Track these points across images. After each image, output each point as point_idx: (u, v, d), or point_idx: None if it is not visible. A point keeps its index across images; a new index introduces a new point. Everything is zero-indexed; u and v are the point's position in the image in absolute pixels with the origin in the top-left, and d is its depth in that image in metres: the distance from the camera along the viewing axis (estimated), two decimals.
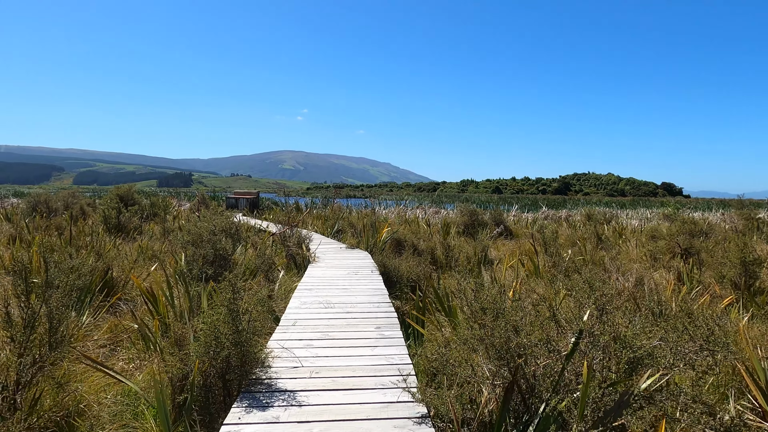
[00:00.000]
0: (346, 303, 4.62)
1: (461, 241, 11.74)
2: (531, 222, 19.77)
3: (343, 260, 7.56)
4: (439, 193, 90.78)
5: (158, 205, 18.24)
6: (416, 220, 16.15)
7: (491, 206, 30.09)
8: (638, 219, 20.92)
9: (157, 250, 8.26)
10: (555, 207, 31.81)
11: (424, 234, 11.42)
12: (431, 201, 32.04)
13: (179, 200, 27.15)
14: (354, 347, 3.34)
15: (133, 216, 11.95)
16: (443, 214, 23.99)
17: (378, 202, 28.29)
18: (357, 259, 7.73)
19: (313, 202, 24.21)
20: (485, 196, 73.28)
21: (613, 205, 33.44)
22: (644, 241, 11.71)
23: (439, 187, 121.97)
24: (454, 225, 13.66)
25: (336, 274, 6.27)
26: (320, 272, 6.44)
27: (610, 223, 17.30)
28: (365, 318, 4.08)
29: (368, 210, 21.37)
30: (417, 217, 18.57)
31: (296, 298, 4.90)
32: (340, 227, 11.57)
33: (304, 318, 4.06)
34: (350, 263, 7.21)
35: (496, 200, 48.71)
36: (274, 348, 3.19)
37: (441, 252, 9.30)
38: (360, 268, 6.77)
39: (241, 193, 24.05)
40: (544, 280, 7.56)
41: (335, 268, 6.79)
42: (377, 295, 5.02)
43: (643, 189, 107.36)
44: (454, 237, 11.96)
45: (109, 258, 5.85)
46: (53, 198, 14.66)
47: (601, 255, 8.34)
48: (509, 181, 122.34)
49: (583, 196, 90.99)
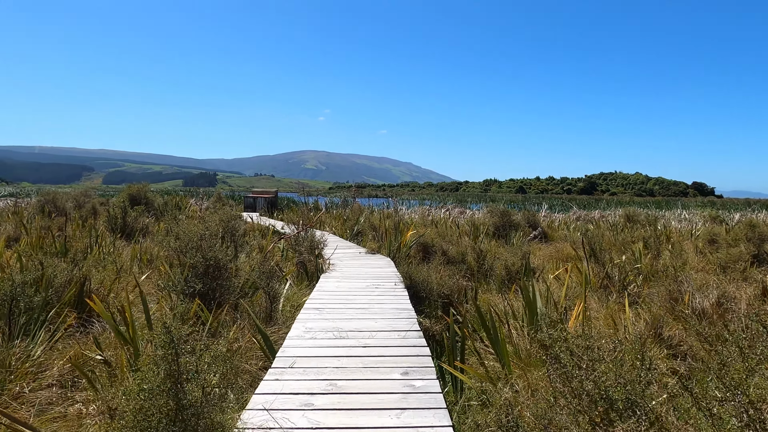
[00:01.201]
0: (363, 331, 3.59)
1: (493, 245, 10.61)
2: (563, 223, 18.40)
3: (361, 268, 6.55)
4: (461, 193, 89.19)
5: (172, 205, 17.59)
6: (442, 221, 15.04)
7: (518, 206, 28.67)
8: (677, 220, 19.35)
9: (155, 254, 7.40)
10: (585, 207, 30.19)
11: (453, 237, 10.32)
12: (456, 200, 30.83)
13: (198, 199, 26.62)
14: (372, 409, 2.31)
15: (140, 216, 11.18)
16: (469, 214, 22.78)
17: (400, 201, 27.24)
18: (378, 267, 6.70)
19: (332, 201, 23.32)
20: (509, 196, 71.40)
21: (650, 206, 31.62)
22: (701, 246, 10.36)
23: (462, 187, 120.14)
24: (483, 227, 12.52)
25: (352, 288, 5.25)
26: (334, 284, 5.44)
27: (653, 225, 15.86)
28: (388, 356, 3.04)
29: (390, 210, 20.35)
30: (442, 217, 17.46)
31: (301, 321, 3.90)
32: (360, 229, 10.58)
33: (307, 355, 3.06)
34: (370, 273, 6.19)
35: (521, 200, 47.10)
36: (255, 416, 2.18)
37: (472, 258, 8.21)
38: (381, 279, 5.74)
39: (259, 192, 23.33)
40: (598, 294, 6.41)
41: (352, 278, 5.78)
42: (403, 319, 3.98)
43: (673, 189, 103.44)
44: (484, 240, 10.82)
45: (88, 266, 4.96)
46: (62, 197, 14.06)
47: (663, 263, 7.11)
48: (533, 180, 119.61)
49: (610, 195, 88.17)
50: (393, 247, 7.86)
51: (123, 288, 5.25)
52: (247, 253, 6.57)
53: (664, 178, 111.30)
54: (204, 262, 4.47)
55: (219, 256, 4.52)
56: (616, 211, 26.48)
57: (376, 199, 32.15)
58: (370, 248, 8.26)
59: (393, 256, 7.68)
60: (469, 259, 8.20)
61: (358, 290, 5.13)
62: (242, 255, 6.33)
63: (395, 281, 5.57)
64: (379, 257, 7.64)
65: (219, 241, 4.92)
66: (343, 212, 17.98)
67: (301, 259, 6.56)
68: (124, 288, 5.26)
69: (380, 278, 5.81)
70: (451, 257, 8.01)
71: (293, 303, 5.16)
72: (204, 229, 4.75)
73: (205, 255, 4.45)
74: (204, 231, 4.64)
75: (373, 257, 7.61)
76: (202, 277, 4.47)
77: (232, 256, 5.14)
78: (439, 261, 7.18)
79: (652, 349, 4.32)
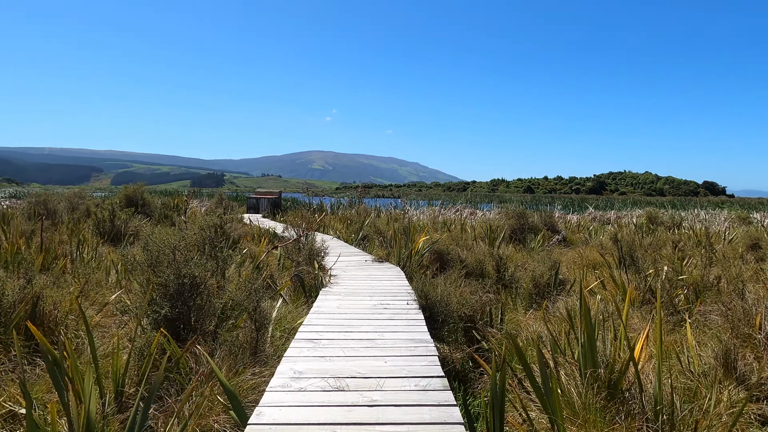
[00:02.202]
0: (369, 377, 2.74)
1: (512, 251, 9.73)
2: (581, 225, 17.42)
3: (367, 281, 5.70)
4: (469, 193, 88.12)
5: (170, 206, 16.86)
6: (454, 223, 14.15)
7: (529, 206, 27.59)
8: (697, 221, 18.29)
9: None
10: (599, 207, 29.05)
11: (467, 241, 9.43)
12: (465, 201, 29.89)
13: (201, 200, 25.87)
14: None
15: (130, 218, 10.40)
16: (480, 215, 21.87)
17: (408, 202, 26.37)
18: (386, 279, 5.86)
19: (339, 202, 22.50)
20: (517, 196, 70.05)
21: (666, 206, 30.47)
22: (742, 251, 9.39)
23: (469, 187, 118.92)
24: (499, 230, 11.63)
25: (356, 308, 4.41)
26: (335, 303, 4.60)
27: (680, 227, 14.85)
28: (402, 423, 2.19)
29: (398, 211, 19.47)
30: (453, 219, 16.57)
31: (289, 360, 3.05)
32: (366, 233, 9.73)
33: (290, 421, 2.21)
34: (377, 287, 5.34)
35: (530, 200, 45.95)
36: None
37: (491, 267, 7.34)
38: (391, 296, 4.90)
39: (262, 192, 22.58)
40: (641, 311, 5.53)
41: (356, 295, 4.94)
42: (420, 357, 3.12)
43: (683, 188, 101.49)
44: (501, 245, 9.92)
45: (40, 283, 4.16)
46: (54, 198, 13.34)
47: (716, 273, 6.18)
48: (541, 180, 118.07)
49: (619, 195, 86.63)
50: (403, 254, 7.01)
51: (88, 308, 4.45)
52: (238, 264, 5.75)
53: (674, 177, 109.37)
54: (176, 280, 3.65)
55: (195, 273, 3.69)
56: (632, 211, 25.42)
57: (383, 200, 31.31)
58: (378, 255, 7.42)
59: (403, 265, 6.83)
60: (488, 268, 7.33)
61: (363, 312, 4.28)
62: (232, 266, 5.52)
63: (407, 299, 4.72)
64: (388, 267, 6.79)
65: (198, 254, 4.09)
66: (348, 213, 17.13)
67: (298, 270, 5.73)
68: (88, 308, 4.47)
69: (389, 295, 4.96)
70: (468, 266, 7.14)
71: (286, 326, 4.33)
72: (179, 239, 3.93)
73: (178, 271, 3.63)
74: (179, 241, 3.82)
75: (381, 266, 6.77)
76: (175, 298, 3.65)
77: (214, 271, 4.32)
78: (456, 271, 6.32)
79: (727, 389, 3.44)
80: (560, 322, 5.08)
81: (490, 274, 7.32)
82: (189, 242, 3.89)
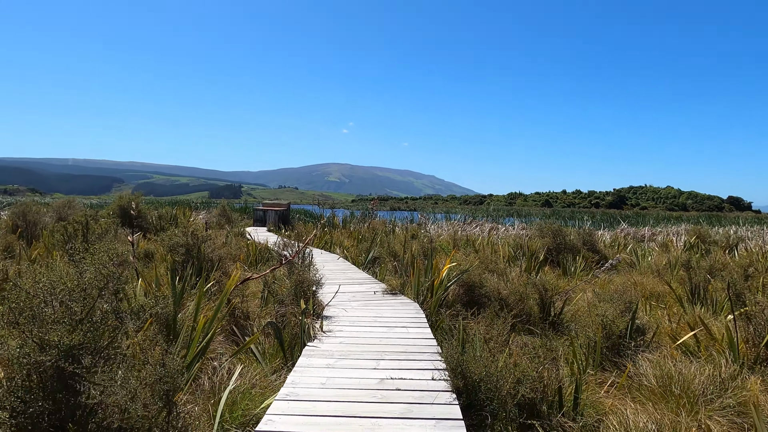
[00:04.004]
0: None
1: (550, 276, 8.06)
2: (617, 243, 15.49)
3: (374, 326, 4.14)
4: (486, 206, 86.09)
5: (167, 219, 15.54)
6: (477, 240, 12.45)
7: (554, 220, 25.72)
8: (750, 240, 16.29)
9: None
10: (609, 222, 26.75)
11: (498, 265, 7.76)
12: (486, 215, 28.16)
13: (209, 211, 24.59)
14: None
15: (106, 233, 9.00)
16: (502, 230, 20.15)
17: (425, 215, 24.74)
18: (400, 324, 4.28)
19: (352, 214, 21.00)
20: (535, 210, 67.78)
21: (701, 222, 28.27)
22: None
23: (486, 200, 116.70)
24: (537, 251, 9.93)
25: (352, 385, 2.84)
26: (321, 374, 3.03)
27: (737, 247, 12.95)
28: None
29: (414, 225, 17.86)
30: (476, 236, 14.89)
31: None
32: (377, 254, 8.16)
33: None
34: (388, 340, 3.77)
35: (549, 214, 43.88)
36: None
37: (533, 301, 5.71)
38: (407, 358, 3.32)
39: (270, 204, 21.20)
40: (761, 374, 3.85)
41: (356, 357, 3.37)
42: None
43: (707, 203, 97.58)
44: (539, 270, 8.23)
45: None
46: (35, 209, 12.05)
47: None
48: (559, 194, 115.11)
49: (640, 210, 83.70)
50: (423, 286, 5.43)
51: None
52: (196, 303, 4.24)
53: (697, 192, 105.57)
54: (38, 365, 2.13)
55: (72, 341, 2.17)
56: (668, 227, 23.33)
57: (399, 212, 29.75)
58: (390, 285, 5.84)
59: (423, 299, 5.24)
60: (530, 304, 5.70)
61: (362, 395, 2.71)
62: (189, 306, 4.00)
63: (432, 366, 3.13)
64: (402, 302, 5.22)
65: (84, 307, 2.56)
66: (359, 228, 15.59)
67: (282, 311, 4.19)
68: None
69: (405, 355, 3.38)
70: (505, 300, 5.52)
71: (245, 413, 2.78)
72: (69, 280, 2.41)
73: (45, 342, 2.12)
74: (52, 288, 2.30)
75: (394, 302, 5.20)
76: (37, 389, 2.13)
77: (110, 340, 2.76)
78: (493, 313, 4.71)
79: None
80: (654, 398, 3.45)
81: (532, 312, 5.69)
82: (73, 290, 2.33)
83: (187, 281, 5.42)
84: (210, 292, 4.80)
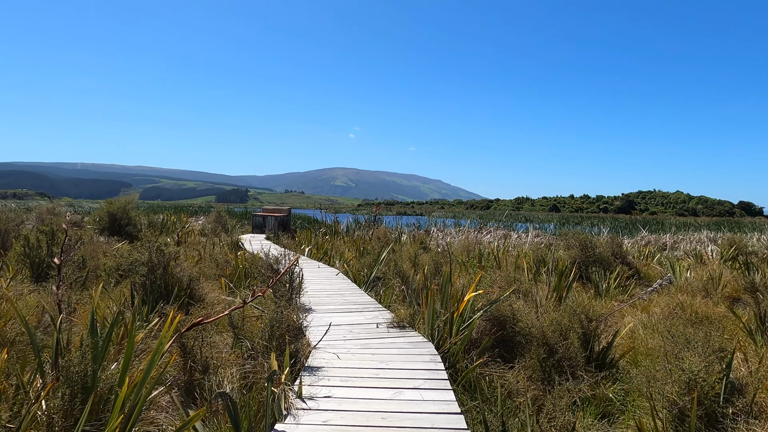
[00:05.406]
0: None
1: (582, 295, 6.85)
2: (641, 252, 14.14)
3: (375, 393, 3.00)
4: (492, 211, 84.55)
5: (157, 226, 14.48)
6: (498, 253, 11.23)
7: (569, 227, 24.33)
8: None
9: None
10: (628, 230, 25.30)
11: (523, 284, 6.55)
12: (496, 220, 26.90)
13: (208, 217, 23.53)
14: None
15: (74, 245, 7.90)
16: (514, 237, 18.91)
17: (433, 221, 23.53)
18: (411, 386, 3.13)
19: (357, 220, 19.84)
20: (543, 215, 66.19)
21: (723, 228, 26.81)
22: None
23: (493, 205, 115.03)
24: (564, 264, 8.72)
25: None
26: None
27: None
28: None
29: (422, 233, 16.66)
30: (491, 244, 13.68)
31: None
32: (380, 272, 6.99)
33: None
34: (393, 417, 2.63)
35: (557, 219, 42.45)
36: None
37: (575, 341, 4.52)
38: None
39: (269, 210, 20.11)
40: None
41: None
42: None
43: (718, 208, 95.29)
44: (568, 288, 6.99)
45: None
46: (2, 217, 10.97)
47: None
48: (567, 198, 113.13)
49: (649, 215, 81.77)
50: (439, 318, 4.27)
51: None
52: None
53: (707, 197, 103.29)
54: None
55: None
56: (689, 235, 21.90)
57: (405, 217, 28.52)
58: (398, 317, 4.68)
59: (439, 340, 4.08)
60: (572, 338, 4.51)
61: None
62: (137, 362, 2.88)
63: None
64: (413, 343, 4.06)
65: None
66: (362, 235, 14.44)
67: (250, 365, 3.04)
68: None
69: None
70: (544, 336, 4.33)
71: None
72: None
73: None
74: None
75: (402, 342, 4.04)
76: None
77: None
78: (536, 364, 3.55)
79: None
80: None
81: (571, 347, 4.50)
82: None
83: (141, 312, 4.30)
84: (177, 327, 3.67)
